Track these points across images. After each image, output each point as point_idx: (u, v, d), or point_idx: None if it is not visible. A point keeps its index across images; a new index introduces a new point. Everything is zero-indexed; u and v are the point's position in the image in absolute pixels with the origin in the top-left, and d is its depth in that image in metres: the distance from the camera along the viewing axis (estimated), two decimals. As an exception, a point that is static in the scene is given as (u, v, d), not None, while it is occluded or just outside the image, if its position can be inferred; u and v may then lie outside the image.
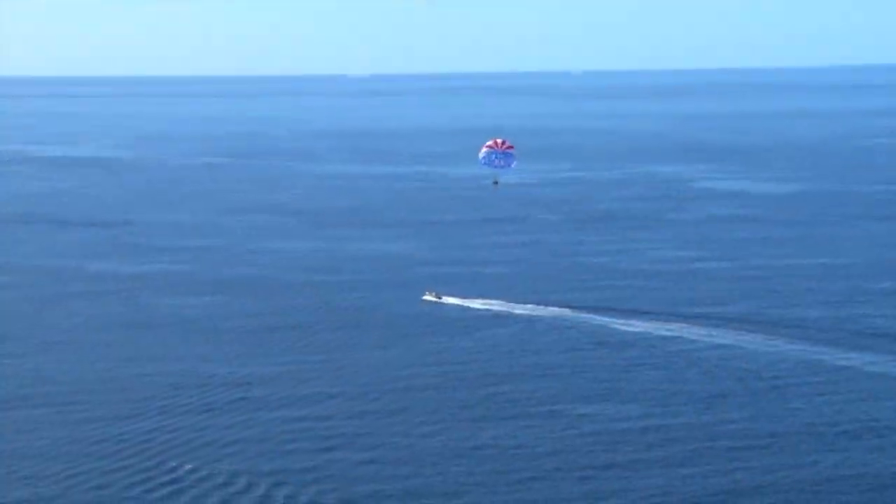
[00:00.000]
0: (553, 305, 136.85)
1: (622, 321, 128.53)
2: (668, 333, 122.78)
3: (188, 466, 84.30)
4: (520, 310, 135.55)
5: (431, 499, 78.83)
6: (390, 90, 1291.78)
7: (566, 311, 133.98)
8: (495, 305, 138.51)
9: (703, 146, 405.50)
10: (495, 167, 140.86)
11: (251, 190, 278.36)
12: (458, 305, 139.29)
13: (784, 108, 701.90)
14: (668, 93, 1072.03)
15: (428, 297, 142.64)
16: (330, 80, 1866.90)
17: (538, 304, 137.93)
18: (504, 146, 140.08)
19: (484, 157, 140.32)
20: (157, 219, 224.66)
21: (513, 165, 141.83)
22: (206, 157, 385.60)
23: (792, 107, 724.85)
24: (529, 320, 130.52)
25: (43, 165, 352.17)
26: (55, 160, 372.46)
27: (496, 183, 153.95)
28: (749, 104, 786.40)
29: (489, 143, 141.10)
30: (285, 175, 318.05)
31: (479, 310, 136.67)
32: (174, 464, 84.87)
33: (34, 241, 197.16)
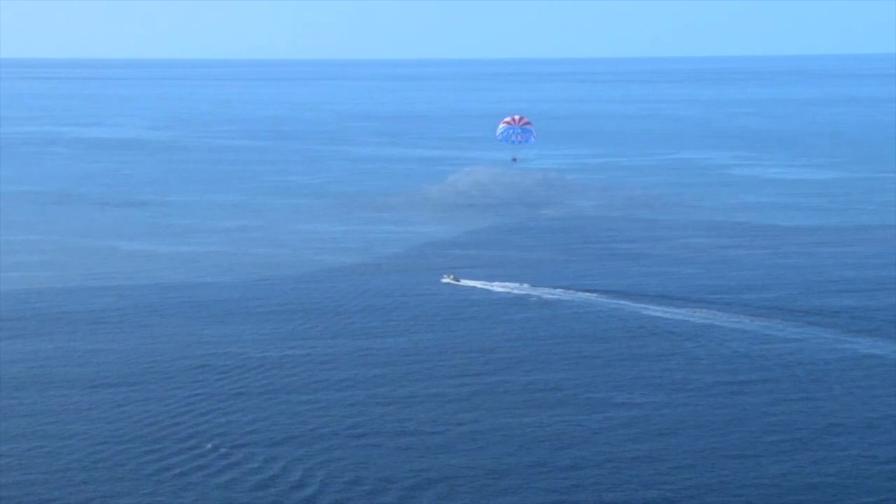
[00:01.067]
0: (580, 290, 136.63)
1: (651, 307, 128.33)
2: (699, 320, 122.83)
3: (223, 450, 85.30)
4: (545, 294, 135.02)
5: (462, 484, 79.61)
6: (425, 75, 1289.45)
7: (592, 297, 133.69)
8: (516, 289, 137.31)
9: (738, 132, 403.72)
10: (513, 142, 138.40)
11: (283, 172, 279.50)
12: (477, 288, 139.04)
13: (821, 96, 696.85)
14: (704, 79, 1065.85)
15: (446, 280, 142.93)
16: (376, 65, 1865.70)
17: (566, 288, 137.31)
18: (521, 122, 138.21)
19: (502, 134, 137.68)
20: (190, 200, 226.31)
21: (531, 141, 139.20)
22: (240, 139, 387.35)
23: (829, 94, 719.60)
24: (556, 304, 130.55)
25: (78, 146, 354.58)
26: (90, 141, 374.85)
27: (514, 160, 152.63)
28: (786, 91, 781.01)
29: (507, 119, 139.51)
30: (317, 157, 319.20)
31: (500, 293, 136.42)
32: (209, 446, 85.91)
33: (71, 220, 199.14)
